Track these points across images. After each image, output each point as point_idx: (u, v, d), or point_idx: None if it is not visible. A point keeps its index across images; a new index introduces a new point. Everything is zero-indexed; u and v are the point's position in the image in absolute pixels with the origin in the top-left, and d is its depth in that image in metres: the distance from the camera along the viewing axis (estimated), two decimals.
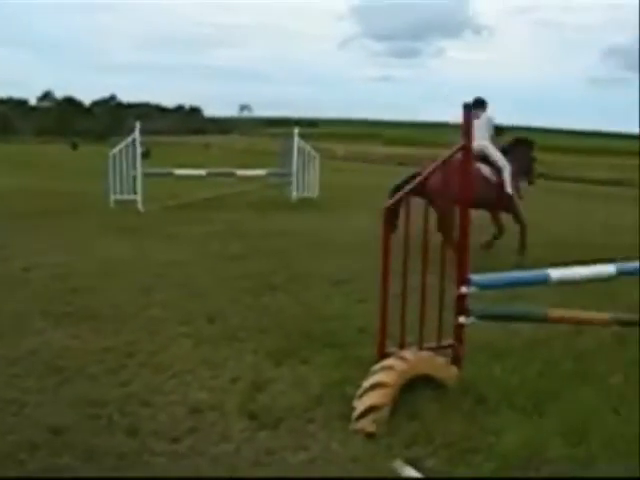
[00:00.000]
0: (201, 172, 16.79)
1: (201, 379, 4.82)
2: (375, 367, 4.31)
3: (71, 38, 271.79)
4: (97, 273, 8.09)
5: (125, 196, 14.91)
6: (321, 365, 5.06)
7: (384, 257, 4.52)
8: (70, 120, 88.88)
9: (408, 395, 4.26)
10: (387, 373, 4.19)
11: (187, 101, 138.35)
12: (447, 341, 4.73)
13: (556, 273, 5.00)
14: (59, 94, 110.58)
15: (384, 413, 4.05)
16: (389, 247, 4.51)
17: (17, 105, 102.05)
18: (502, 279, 5.10)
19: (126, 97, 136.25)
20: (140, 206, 14.65)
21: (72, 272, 8.08)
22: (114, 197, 14.80)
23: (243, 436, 3.96)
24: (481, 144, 9.51)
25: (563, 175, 31.50)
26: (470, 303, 4.69)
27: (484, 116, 9.95)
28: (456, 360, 4.68)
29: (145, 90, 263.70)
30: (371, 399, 4.07)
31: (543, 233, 11.78)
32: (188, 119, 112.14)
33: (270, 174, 17.54)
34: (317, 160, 17.15)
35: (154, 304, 6.70)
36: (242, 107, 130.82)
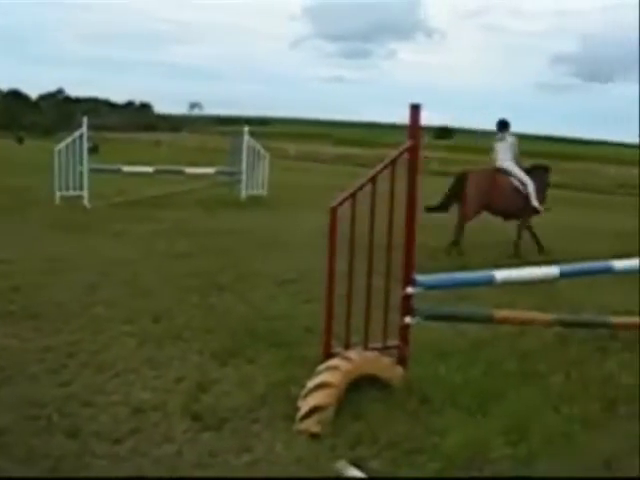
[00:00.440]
0: (149, 169, 16.55)
1: (144, 379, 4.75)
2: (320, 367, 4.30)
3: (17, 30, 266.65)
4: (41, 271, 7.91)
5: (71, 192, 14.57)
6: (266, 365, 5.03)
7: (330, 257, 4.51)
8: (16, 114, 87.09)
9: (353, 395, 4.25)
10: (332, 373, 4.18)
11: (137, 97, 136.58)
12: (393, 341, 4.74)
13: (501, 274, 5.06)
14: (3, 86, 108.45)
15: (329, 413, 4.04)
16: (335, 247, 4.51)
17: None
18: (447, 280, 5.15)
19: (74, 91, 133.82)
20: (86, 203, 14.39)
21: (15, 270, 7.88)
22: (60, 193, 14.44)
23: (186, 437, 3.91)
24: (505, 165, 10.75)
25: None
26: (416, 303, 4.71)
27: (509, 140, 10.92)
28: (401, 360, 4.69)
29: (94, 85, 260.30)
30: (316, 399, 4.05)
31: (493, 234, 11.91)
32: (138, 115, 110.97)
33: (219, 172, 17.41)
34: (267, 159, 17.08)
35: (98, 302, 6.58)
36: (192, 105, 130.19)
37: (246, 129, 16.70)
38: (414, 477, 3.58)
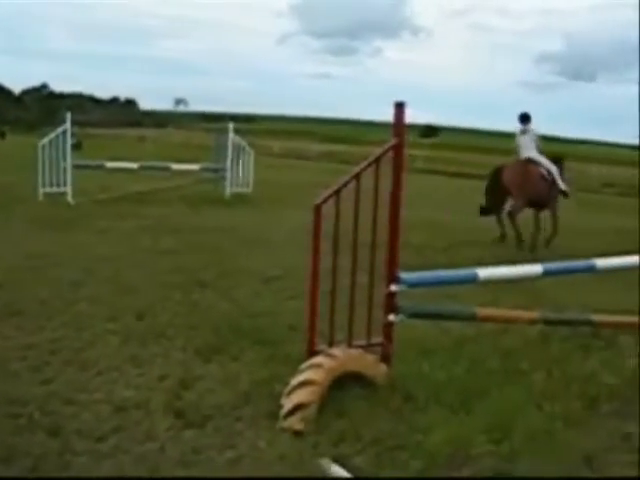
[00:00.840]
0: (133, 165, 16.46)
1: (127, 376, 4.72)
2: (304, 365, 4.29)
3: (1, 22, 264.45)
4: (23, 268, 7.85)
5: (55, 189, 14.43)
6: (250, 362, 5.01)
7: (314, 254, 4.51)
8: None
9: (337, 393, 4.25)
10: (315, 371, 4.17)
11: (122, 93, 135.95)
12: (377, 339, 4.74)
13: (484, 272, 5.07)
14: None
15: (312, 411, 4.04)
16: (319, 245, 4.50)
17: None
18: (431, 277, 5.15)
19: (59, 87, 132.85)
20: (70, 199, 14.28)
21: None
22: (43, 189, 14.29)
23: (169, 435, 3.89)
24: (531, 154, 11.47)
25: None
26: (400, 301, 4.72)
27: (532, 131, 11.62)
28: (385, 358, 4.69)
29: (79, 80, 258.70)
30: (299, 397, 4.05)
31: (476, 232, 11.95)
32: (123, 111, 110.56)
33: (204, 169, 17.35)
34: (252, 156, 17.06)
35: (82, 300, 6.53)
36: (177, 101, 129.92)
37: (231, 126, 16.67)
38: (397, 477, 3.58)
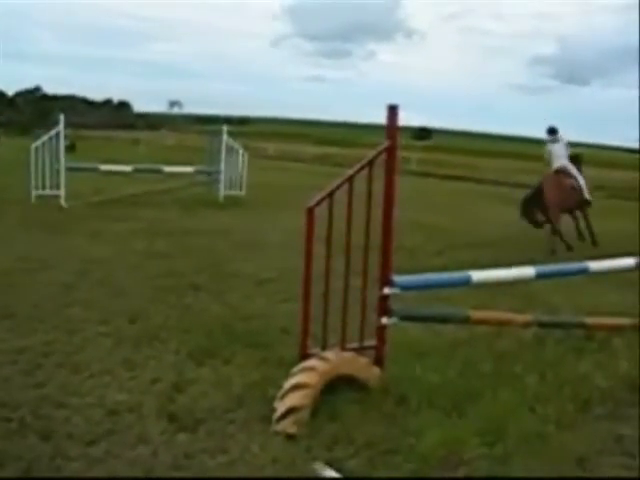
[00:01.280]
0: (127, 168, 16.41)
1: (120, 380, 4.71)
2: (296, 368, 4.29)
3: None
4: (16, 270, 7.83)
5: (48, 191, 14.37)
6: (243, 365, 5.00)
7: (307, 257, 4.51)
8: None
9: (329, 396, 4.25)
10: (308, 374, 4.17)
11: (115, 95, 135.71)
12: (370, 342, 4.74)
13: (477, 275, 5.08)
14: None
15: (305, 414, 4.03)
16: (311, 248, 4.50)
17: None
18: (424, 280, 5.15)
19: (52, 89, 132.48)
20: (63, 202, 14.23)
21: None
22: (36, 192, 14.24)
23: (161, 439, 3.88)
24: (563, 163, 12.22)
25: (488, 178, 32.12)
26: (393, 304, 4.72)
27: (562, 141, 12.36)
28: (378, 361, 4.69)
29: (72, 83, 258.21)
30: (292, 400, 4.04)
31: (465, 236, 11.97)
32: (116, 114, 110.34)
33: (198, 171, 17.34)
34: (245, 158, 17.04)
35: (74, 303, 6.52)
36: (172, 103, 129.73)
37: (225, 128, 16.65)
38: (390, 477, 3.58)
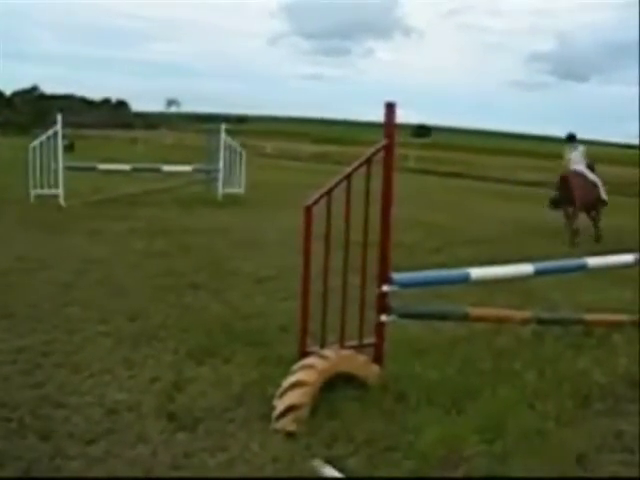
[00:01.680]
0: (126, 167, 16.42)
1: (119, 379, 4.71)
2: (296, 366, 4.29)
3: None
4: (15, 270, 7.84)
5: (46, 191, 14.36)
6: (242, 364, 5.00)
7: (305, 255, 4.51)
8: None
9: (329, 394, 4.25)
10: (307, 372, 4.17)
11: (114, 95, 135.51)
12: (369, 339, 4.74)
13: (476, 272, 5.08)
14: None
15: (304, 412, 4.03)
16: (309, 246, 4.50)
17: None
18: (423, 278, 5.16)
19: (50, 88, 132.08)
20: (62, 201, 14.23)
21: None
22: (35, 192, 14.22)
23: (161, 437, 3.88)
24: (580, 168, 13.06)
25: (487, 175, 32.16)
26: (392, 301, 4.72)
27: (580, 148, 13.26)
28: (377, 358, 4.69)
29: (70, 82, 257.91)
30: (291, 398, 4.04)
31: (464, 233, 11.97)
32: (114, 113, 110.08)
33: (196, 170, 17.33)
34: (244, 157, 17.03)
35: (73, 302, 6.52)
36: (170, 102, 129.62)
37: (223, 127, 16.64)
38: (389, 477, 3.58)
